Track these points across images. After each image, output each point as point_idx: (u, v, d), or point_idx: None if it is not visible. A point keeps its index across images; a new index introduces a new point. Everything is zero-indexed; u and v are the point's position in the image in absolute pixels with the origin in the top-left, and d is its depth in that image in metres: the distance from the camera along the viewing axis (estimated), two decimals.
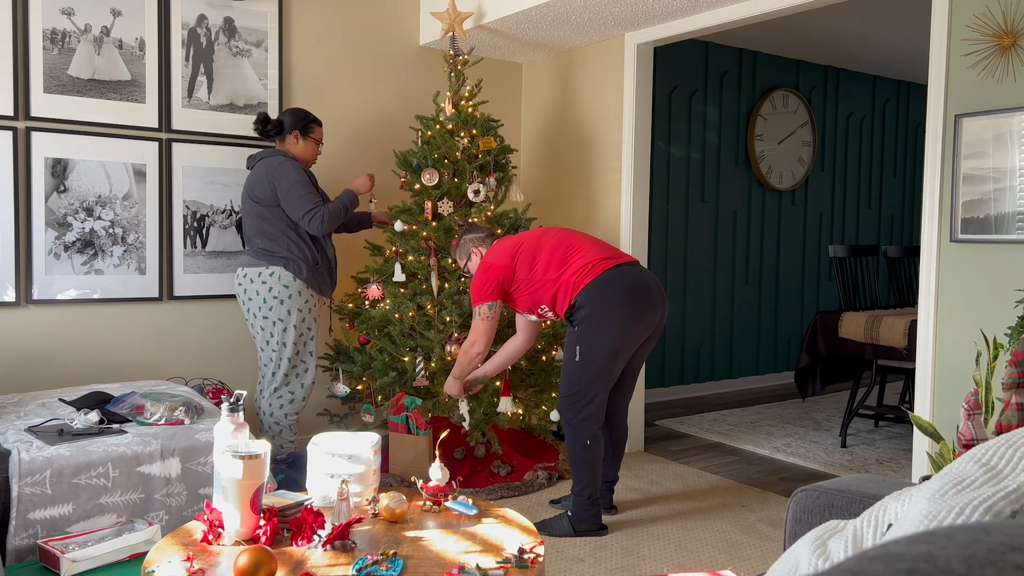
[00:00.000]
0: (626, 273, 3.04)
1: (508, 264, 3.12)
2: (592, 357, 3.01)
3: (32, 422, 2.67)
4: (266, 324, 3.53)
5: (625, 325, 3.00)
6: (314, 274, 3.56)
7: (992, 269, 2.96)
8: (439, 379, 3.72)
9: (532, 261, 3.10)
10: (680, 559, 2.96)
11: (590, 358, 3.01)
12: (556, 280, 3.05)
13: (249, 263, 3.55)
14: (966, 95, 3.01)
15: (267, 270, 3.50)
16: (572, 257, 3.07)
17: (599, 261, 3.04)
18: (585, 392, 3.04)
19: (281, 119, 3.65)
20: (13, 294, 3.55)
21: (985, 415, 2.13)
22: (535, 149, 5.05)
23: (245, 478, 1.88)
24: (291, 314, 3.52)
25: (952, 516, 0.97)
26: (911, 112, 7.14)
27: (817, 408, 5.55)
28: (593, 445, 3.08)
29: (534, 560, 1.84)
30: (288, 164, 3.52)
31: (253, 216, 3.56)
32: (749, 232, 6.11)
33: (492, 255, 3.17)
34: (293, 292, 3.51)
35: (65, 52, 3.62)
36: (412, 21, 4.62)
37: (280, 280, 3.49)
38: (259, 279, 3.51)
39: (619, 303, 2.98)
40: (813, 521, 1.80)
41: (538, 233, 3.21)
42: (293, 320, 3.52)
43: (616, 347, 3.02)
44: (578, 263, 3.05)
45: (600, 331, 2.99)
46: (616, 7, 3.89)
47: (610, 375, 3.06)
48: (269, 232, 3.52)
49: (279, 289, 3.49)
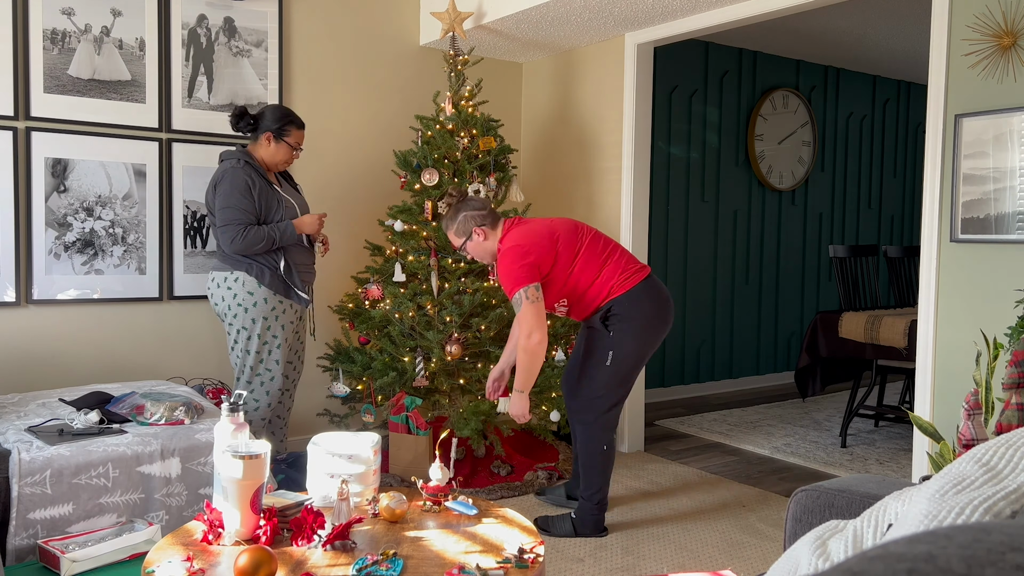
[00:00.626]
0: (655, 286, 3.10)
1: (550, 252, 2.97)
2: (623, 363, 3.06)
3: (32, 422, 2.67)
4: (231, 330, 3.39)
5: (655, 338, 3.09)
6: (278, 281, 3.35)
7: (992, 269, 2.96)
8: (439, 379, 3.72)
9: (573, 254, 3.04)
10: (680, 559, 2.96)
11: (621, 364, 3.06)
12: (592, 281, 3.04)
13: (216, 267, 3.39)
14: (966, 95, 3.01)
15: (231, 275, 3.33)
16: (609, 260, 3.07)
17: (635, 271, 3.07)
18: (609, 396, 3.09)
19: (257, 116, 3.41)
20: (13, 294, 3.55)
21: (985, 415, 2.13)
22: (535, 149, 5.05)
23: (245, 478, 1.88)
24: (255, 322, 3.34)
25: (952, 516, 0.97)
26: (911, 112, 7.14)
27: (817, 408, 5.55)
28: (609, 451, 3.13)
29: (534, 560, 1.84)
30: (232, 173, 3.29)
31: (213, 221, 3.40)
32: (749, 232, 6.11)
33: (527, 238, 2.98)
34: (258, 299, 3.32)
35: (65, 52, 3.62)
36: (412, 21, 4.62)
37: (244, 286, 3.31)
38: (224, 284, 3.34)
39: (653, 315, 3.06)
40: (813, 521, 1.80)
41: (568, 225, 3.09)
42: (257, 328, 3.34)
43: (644, 356, 3.11)
44: (615, 267, 3.05)
45: (635, 339, 3.04)
46: (616, 7, 3.89)
47: (632, 382, 3.13)
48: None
49: (243, 296, 3.32)
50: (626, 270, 3.06)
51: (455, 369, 3.74)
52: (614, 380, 3.07)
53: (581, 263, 3.03)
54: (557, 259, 2.99)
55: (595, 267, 3.04)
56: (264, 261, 3.33)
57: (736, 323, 6.10)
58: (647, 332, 3.06)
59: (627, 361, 3.06)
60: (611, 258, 3.07)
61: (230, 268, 3.33)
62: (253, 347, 3.37)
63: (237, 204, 3.25)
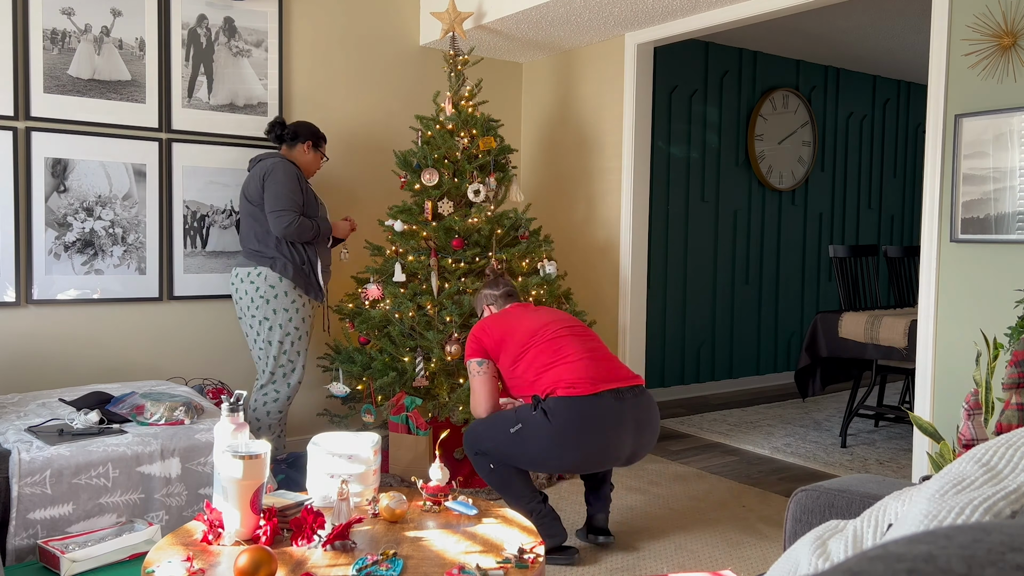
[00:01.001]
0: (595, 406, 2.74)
1: (496, 342, 2.98)
2: (523, 448, 2.80)
3: (32, 422, 2.67)
4: (253, 323, 3.62)
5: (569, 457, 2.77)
6: (300, 275, 3.61)
7: (992, 269, 2.96)
8: (439, 379, 3.72)
9: (519, 351, 2.92)
10: (680, 559, 2.96)
11: (520, 443, 2.81)
12: (532, 379, 2.86)
13: (240, 263, 3.66)
14: (966, 95, 3.01)
15: (255, 270, 3.59)
16: (560, 364, 2.83)
17: (586, 383, 2.77)
18: (492, 452, 2.88)
19: (296, 127, 3.75)
20: (13, 294, 3.55)
21: (985, 415, 2.13)
22: (535, 149, 5.05)
23: (245, 478, 1.88)
24: (276, 313, 3.58)
25: (952, 516, 0.97)
26: (911, 112, 7.14)
27: (817, 408, 5.55)
28: (498, 467, 2.89)
29: (534, 560, 1.84)
30: (284, 165, 3.60)
31: (246, 216, 3.65)
32: (749, 232, 6.11)
33: (487, 323, 3.03)
34: (279, 292, 3.58)
35: (65, 52, 3.62)
36: (412, 21, 4.62)
37: (266, 280, 3.57)
38: (248, 279, 3.60)
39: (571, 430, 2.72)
40: (813, 521, 1.80)
41: (534, 326, 2.97)
42: (279, 319, 3.59)
43: (544, 465, 2.84)
44: (563, 371, 2.81)
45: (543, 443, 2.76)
46: (616, 7, 3.89)
47: (521, 464, 2.87)
48: (259, 233, 3.60)
49: (265, 289, 3.57)
50: (575, 382, 2.76)
51: (455, 369, 3.74)
52: (504, 444, 2.83)
53: (524, 364, 2.89)
54: (501, 352, 2.96)
55: (537, 367, 2.85)
56: (288, 256, 3.59)
57: (736, 323, 6.10)
58: (560, 452, 2.75)
59: (527, 452, 2.79)
60: (563, 363, 2.83)
61: (254, 264, 3.60)
62: (275, 338, 3.61)
63: (291, 194, 3.54)
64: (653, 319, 5.57)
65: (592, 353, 2.89)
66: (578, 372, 2.80)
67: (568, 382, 2.78)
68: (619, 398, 2.80)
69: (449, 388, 3.73)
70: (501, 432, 2.86)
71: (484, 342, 3.03)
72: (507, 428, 2.85)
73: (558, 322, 3.00)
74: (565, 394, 2.75)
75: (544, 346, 2.90)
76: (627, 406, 2.81)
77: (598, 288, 4.66)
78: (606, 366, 2.88)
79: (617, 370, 2.90)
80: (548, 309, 3.14)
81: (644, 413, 2.87)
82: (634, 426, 2.82)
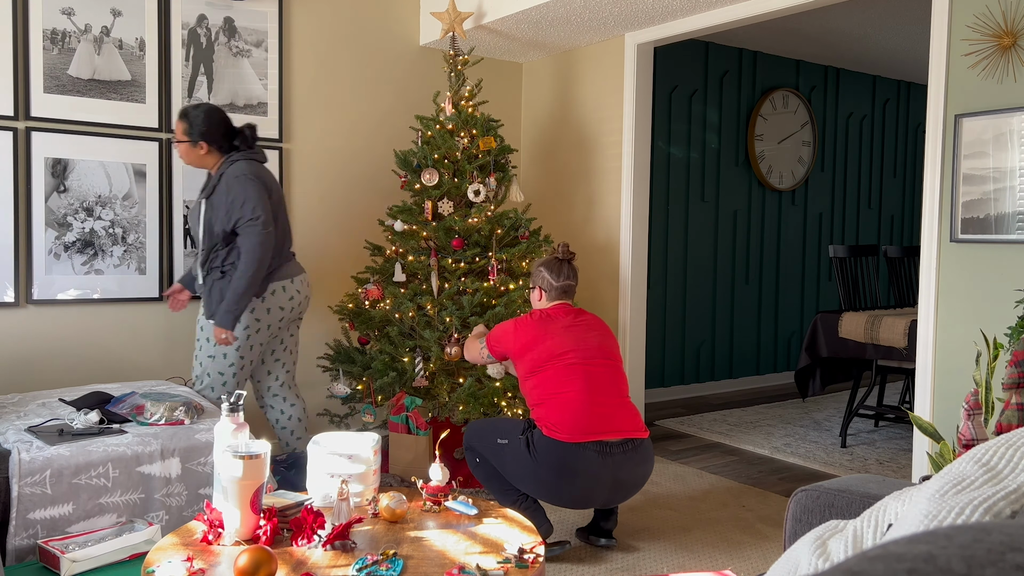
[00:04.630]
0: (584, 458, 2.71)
1: (517, 346, 2.95)
2: (502, 461, 2.88)
3: (32, 422, 2.67)
4: (294, 330, 3.58)
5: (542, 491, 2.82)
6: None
7: (992, 269, 2.96)
8: (439, 379, 3.72)
9: (531, 372, 2.91)
10: (680, 559, 2.96)
11: (500, 459, 2.89)
12: (539, 400, 2.86)
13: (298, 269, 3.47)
14: (966, 95, 3.01)
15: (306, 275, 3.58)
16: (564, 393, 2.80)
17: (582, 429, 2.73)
18: (480, 452, 2.97)
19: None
20: (13, 294, 3.55)
21: (985, 415, 2.13)
22: (535, 149, 5.05)
23: (245, 478, 1.88)
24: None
25: (952, 516, 0.97)
26: (911, 112, 7.14)
27: (817, 408, 5.55)
28: (482, 463, 2.98)
29: (534, 560, 1.84)
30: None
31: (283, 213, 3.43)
32: (749, 232, 6.11)
33: (516, 324, 2.98)
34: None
35: (65, 52, 3.62)
36: (412, 21, 4.62)
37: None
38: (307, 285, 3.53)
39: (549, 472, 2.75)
40: (813, 521, 1.80)
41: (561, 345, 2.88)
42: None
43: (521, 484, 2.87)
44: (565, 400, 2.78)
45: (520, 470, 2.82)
46: (616, 7, 3.89)
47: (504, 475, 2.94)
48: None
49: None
50: (559, 426, 2.73)
51: (455, 369, 3.74)
52: (489, 450, 2.92)
53: (534, 381, 2.89)
54: (523, 359, 2.93)
55: (541, 392, 2.85)
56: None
57: (736, 323, 6.10)
58: (535, 474, 2.77)
59: (506, 462, 2.86)
60: (561, 397, 2.79)
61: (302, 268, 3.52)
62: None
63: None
64: (653, 319, 5.57)
65: (593, 397, 2.79)
66: (567, 415, 2.75)
67: (553, 423, 2.75)
68: (605, 452, 2.74)
69: (449, 388, 3.73)
70: (490, 439, 2.95)
71: (508, 348, 2.98)
72: (496, 438, 2.91)
73: (580, 351, 2.88)
74: (549, 435, 2.76)
75: (555, 372, 2.84)
76: (610, 462, 2.74)
77: (598, 288, 4.66)
78: (602, 413, 2.78)
79: (615, 420, 2.80)
80: (585, 327, 2.97)
81: (628, 472, 2.80)
82: (611, 484, 2.79)
